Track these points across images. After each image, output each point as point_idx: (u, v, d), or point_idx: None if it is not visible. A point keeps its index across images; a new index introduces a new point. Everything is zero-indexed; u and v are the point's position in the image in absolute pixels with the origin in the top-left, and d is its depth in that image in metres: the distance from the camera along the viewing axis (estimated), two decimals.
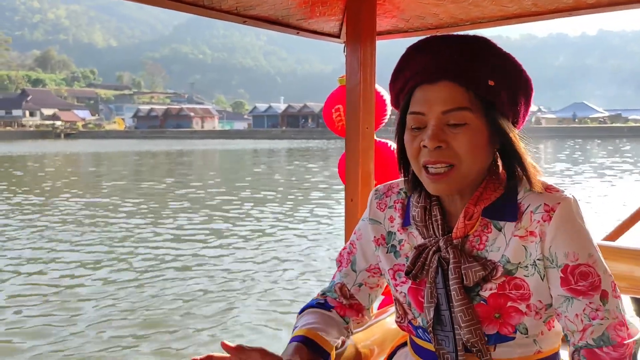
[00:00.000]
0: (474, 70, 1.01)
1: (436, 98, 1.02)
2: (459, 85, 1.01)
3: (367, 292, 1.28)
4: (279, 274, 6.96)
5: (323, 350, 1.15)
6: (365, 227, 1.26)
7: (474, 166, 1.03)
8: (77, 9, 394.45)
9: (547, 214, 1.02)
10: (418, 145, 1.04)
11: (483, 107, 1.02)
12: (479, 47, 1.04)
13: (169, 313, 5.52)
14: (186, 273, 7.01)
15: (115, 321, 5.30)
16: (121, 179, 20.27)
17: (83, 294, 6.20)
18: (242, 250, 8.30)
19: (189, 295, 6.06)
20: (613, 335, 0.99)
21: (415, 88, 1.05)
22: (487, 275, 1.04)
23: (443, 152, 1.01)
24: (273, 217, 11.24)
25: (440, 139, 1.01)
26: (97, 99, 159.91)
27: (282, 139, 69.70)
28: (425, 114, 1.03)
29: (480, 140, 1.02)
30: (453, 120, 1.01)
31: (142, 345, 4.80)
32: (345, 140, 1.84)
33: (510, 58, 1.06)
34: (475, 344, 1.05)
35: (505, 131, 1.04)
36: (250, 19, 1.74)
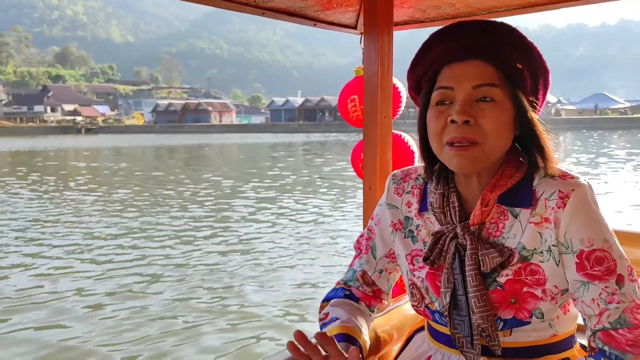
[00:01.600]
0: (503, 50, 1.04)
1: (466, 74, 1.04)
2: (488, 64, 1.03)
3: (386, 277, 1.31)
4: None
5: (362, 352, 1.16)
6: (382, 212, 1.27)
7: (498, 146, 1.04)
8: (94, 5, 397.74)
9: (561, 200, 1.03)
10: (443, 122, 1.05)
11: (510, 88, 1.04)
12: (507, 30, 1.07)
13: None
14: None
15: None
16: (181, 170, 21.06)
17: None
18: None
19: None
20: (630, 317, 1.00)
21: (442, 67, 1.07)
22: (503, 262, 1.06)
23: (470, 129, 1.02)
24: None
25: (468, 114, 1.01)
26: (116, 94, 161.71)
27: (299, 132, 69.86)
28: (454, 89, 1.04)
29: (506, 119, 1.04)
30: (482, 96, 1.02)
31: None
32: (363, 130, 1.87)
33: (533, 45, 1.09)
34: (485, 329, 1.07)
35: (528, 114, 1.06)
36: (268, 10, 1.75)
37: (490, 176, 1.09)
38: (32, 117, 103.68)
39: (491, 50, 1.04)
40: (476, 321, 1.07)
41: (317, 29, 2.00)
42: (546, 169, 1.07)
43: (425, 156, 1.15)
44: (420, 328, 1.35)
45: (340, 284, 1.33)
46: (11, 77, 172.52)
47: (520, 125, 1.07)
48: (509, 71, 1.04)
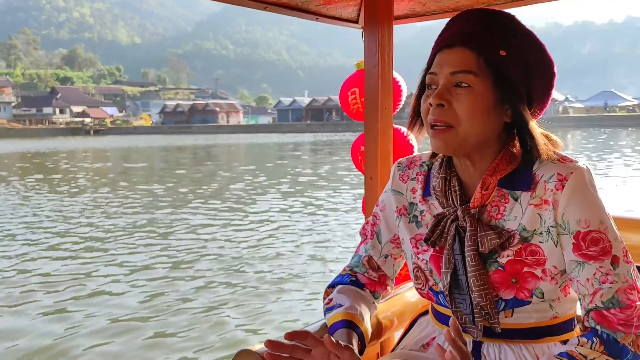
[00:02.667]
0: (486, 38, 1.07)
1: (448, 60, 1.08)
2: (470, 51, 1.07)
3: (391, 262, 1.34)
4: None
5: (364, 339, 1.19)
6: (388, 198, 1.31)
7: (473, 130, 1.07)
8: (101, 7, 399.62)
9: (560, 182, 1.06)
10: (427, 104, 1.10)
11: (492, 75, 1.07)
12: (499, 19, 1.10)
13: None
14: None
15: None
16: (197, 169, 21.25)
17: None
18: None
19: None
20: (623, 298, 1.02)
21: (437, 53, 1.13)
22: (504, 243, 1.09)
23: (444, 112, 1.07)
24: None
25: (443, 98, 1.07)
26: (123, 96, 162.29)
27: (306, 132, 70.02)
28: (437, 74, 1.10)
29: (482, 105, 1.06)
30: (458, 82, 1.06)
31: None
32: (364, 122, 1.91)
33: (530, 35, 1.11)
34: (484, 307, 1.10)
35: (513, 103, 1.08)
36: (270, 4, 1.78)
37: (487, 161, 1.13)
38: (41, 119, 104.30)
39: (473, 37, 1.07)
40: (474, 300, 1.10)
41: (321, 25, 2.06)
42: (538, 155, 1.09)
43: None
44: (424, 312, 1.40)
45: (347, 270, 1.35)
46: (20, 80, 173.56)
47: (503, 113, 1.10)
48: (491, 58, 1.06)
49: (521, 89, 1.09)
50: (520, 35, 1.10)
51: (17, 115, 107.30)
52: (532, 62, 1.10)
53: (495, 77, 1.07)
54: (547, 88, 1.14)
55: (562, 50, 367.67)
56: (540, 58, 1.11)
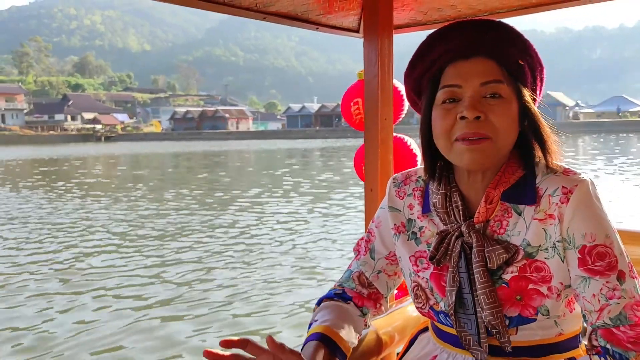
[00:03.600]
0: (506, 48, 1.06)
1: (472, 71, 1.05)
2: (492, 61, 1.05)
3: (385, 279, 1.29)
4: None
5: (341, 351, 1.14)
6: (384, 215, 1.27)
7: (508, 141, 1.06)
8: (112, 14, 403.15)
9: (564, 196, 1.04)
10: (452, 120, 1.05)
11: (514, 84, 1.07)
12: (506, 27, 1.09)
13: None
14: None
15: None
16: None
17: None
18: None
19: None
20: (630, 314, 1.00)
21: (446, 66, 1.08)
22: (509, 259, 1.06)
23: (481, 124, 1.03)
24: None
25: (478, 110, 1.03)
26: (134, 102, 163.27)
27: (316, 138, 70.14)
28: (461, 86, 1.05)
29: (513, 114, 1.06)
30: (490, 92, 1.04)
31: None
32: (364, 132, 1.89)
33: (529, 41, 1.11)
34: (496, 325, 1.07)
35: (531, 109, 1.08)
36: (270, 15, 1.78)
37: (494, 173, 1.10)
38: (53, 126, 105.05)
39: (494, 47, 1.06)
40: (486, 318, 1.07)
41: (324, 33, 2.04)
42: (548, 163, 1.08)
43: (429, 156, 1.15)
44: (424, 329, 1.36)
45: (336, 285, 1.33)
46: (32, 87, 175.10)
47: (523, 120, 1.08)
48: (512, 67, 1.06)
49: (533, 95, 1.10)
50: (527, 43, 1.10)
51: (30, 122, 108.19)
52: (536, 67, 1.10)
53: (516, 86, 1.07)
54: (541, 91, 1.14)
55: (572, 55, 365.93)
56: (538, 62, 1.11)
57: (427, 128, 1.12)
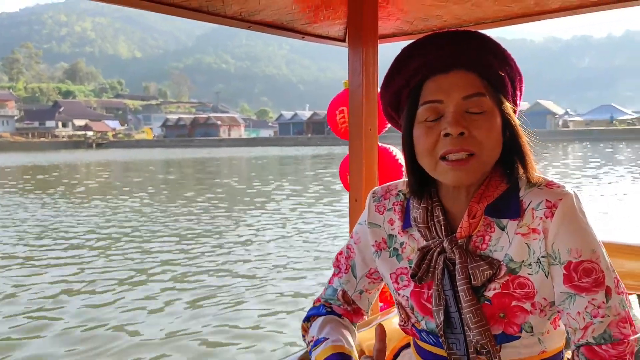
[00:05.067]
0: (486, 59, 1.03)
1: (453, 85, 1.01)
2: (472, 73, 1.02)
3: (366, 297, 1.28)
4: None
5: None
6: (363, 231, 1.23)
7: (492, 155, 1.03)
8: (102, 21, 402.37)
9: (549, 210, 1.01)
10: (435, 137, 1.02)
11: (495, 96, 1.03)
12: (485, 38, 1.06)
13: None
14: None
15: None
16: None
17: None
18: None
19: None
20: (615, 332, 0.98)
21: (424, 81, 1.04)
22: (492, 275, 1.03)
23: (465, 140, 0.99)
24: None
25: (462, 125, 0.99)
26: (125, 109, 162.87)
27: (308, 145, 70.27)
28: (443, 101, 1.01)
29: (497, 128, 1.02)
30: (473, 106, 1.01)
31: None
32: (349, 142, 1.87)
33: (508, 52, 1.07)
34: (485, 345, 1.03)
35: (512, 121, 1.05)
36: (255, 24, 1.77)
37: (477, 187, 1.07)
38: (44, 132, 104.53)
39: (474, 59, 1.02)
40: (474, 338, 1.04)
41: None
42: (527, 178, 1.06)
43: (413, 174, 1.11)
44: (406, 345, 1.32)
45: (321, 301, 1.29)
46: (22, 93, 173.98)
47: (505, 133, 1.05)
48: (493, 79, 1.03)
49: (514, 106, 1.08)
50: (506, 53, 1.07)
51: (20, 129, 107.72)
52: (515, 77, 1.08)
53: (498, 98, 1.04)
54: (520, 101, 1.12)
55: (561, 64, 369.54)
56: (517, 72, 1.08)
57: (410, 145, 1.08)
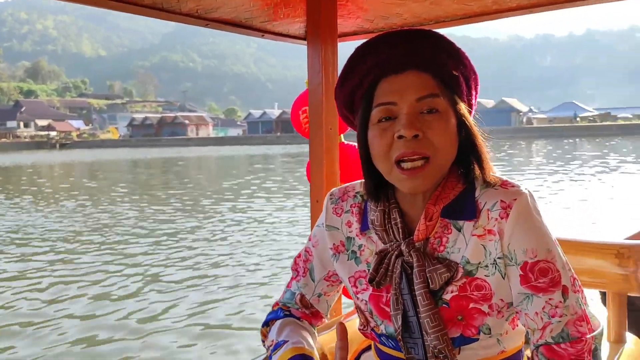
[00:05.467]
0: (439, 59, 1.01)
1: (406, 86, 0.99)
2: (427, 73, 1.00)
3: (325, 300, 1.26)
4: None
5: None
6: (321, 234, 1.21)
7: (448, 157, 1.02)
8: (65, 19, 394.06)
9: (504, 211, 1.01)
10: (389, 139, 1.00)
11: (450, 96, 1.02)
12: (438, 37, 1.04)
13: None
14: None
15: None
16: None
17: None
18: None
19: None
20: (573, 331, 0.99)
21: (378, 82, 1.02)
22: (450, 278, 1.02)
23: (420, 143, 0.97)
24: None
25: (416, 127, 0.97)
26: (89, 109, 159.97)
27: (277, 144, 70.09)
28: (396, 103, 0.99)
29: (451, 129, 1.01)
30: (427, 108, 0.99)
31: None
32: (309, 141, 1.84)
33: (463, 52, 1.06)
34: (442, 350, 1.03)
35: (467, 122, 1.04)
36: (212, 21, 1.74)
37: (434, 189, 1.05)
38: (5, 133, 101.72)
39: (428, 59, 1.00)
40: (431, 342, 1.03)
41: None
42: (484, 178, 1.05)
43: (369, 177, 1.09)
44: (367, 347, 1.31)
45: (279, 305, 1.27)
46: None
47: (461, 133, 1.04)
48: (447, 79, 1.02)
49: (469, 106, 1.06)
50: (460, 52, 1.05)
51: None
52: (469, 77, 1.06)
53: (452, 98, 1.02)
54: (476, 100, 1.10)
55: (525, 62, 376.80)
56: (471, 71, 1.06)
57: (365, 148, 1.05)
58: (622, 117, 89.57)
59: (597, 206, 10.98)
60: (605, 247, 1.62)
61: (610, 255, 1.60)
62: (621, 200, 11.54)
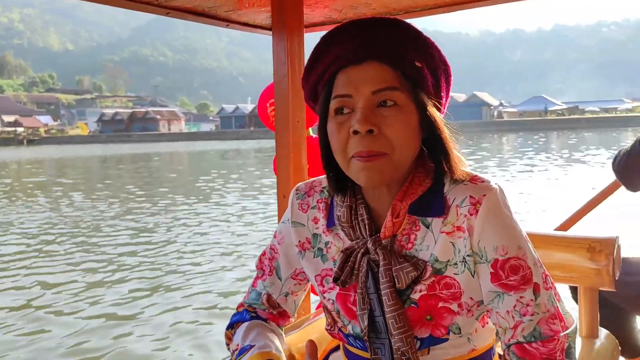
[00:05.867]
0: (400, 49, 0.96)
1: (363, 78, 0.95)
2: (386, 65, 0.95)
3: (292, 299, 1.23)
4: None
5: None
6: (287, 230, 1.17)
7: (407, 154, 0.97)
8: (31, 12, 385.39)
9: (473, 207, 0.98)
10: (346, 134, 0.96)
11: (411, 89, 0.97)
12: (403, 28, 0.99)
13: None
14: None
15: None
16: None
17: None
18: None
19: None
20: (545, 329, 0.96)
21: (338, 72, 0.98)
22: (417, 276, 0.99)
23: (375, 139, 0.93)
24: None
25: (371, 122, 0.93)
26: (57, 104, 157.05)
27: (251, 139, 69.79)
28: (352, 96, 0.95)
29: (411, 124, 0.96)
30: (384, 101, 0.95)
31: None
32: (275, 135, 1.79)
33: (432, 42, 1.01)
34: (405, 352, 1.00)
35: (433, 116, 0.98)
36: (173, 10, 1.68)
37: (398, 185, 1.02)
38: None
39: (387, 50, 0.95)
40: (395, 344, 1.00)
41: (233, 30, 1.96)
42: (452, 174, 1.01)
43: (329, 171, 1.05)
44: (336, 347, 1.28)
45: (244, 306, 1.23)
46: None
47: (425, 128, 0.99)
48: (409, 71, 0.96)
49: (435, 100, 1.01)
50: (425, 42, 1.00)
51: None
52: (438, 69, 1.00)
53: (415, 91, 0.97)
54: (448, 94, 1.05)
55: (495, 57, 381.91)
56: (442, 63, 1.01)
57: (325, 140, 1.02)
58: (589, 111, 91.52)
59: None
60: (577, 242, 1.60)
61: (581, 249, 1.58)
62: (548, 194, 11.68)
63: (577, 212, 2.51)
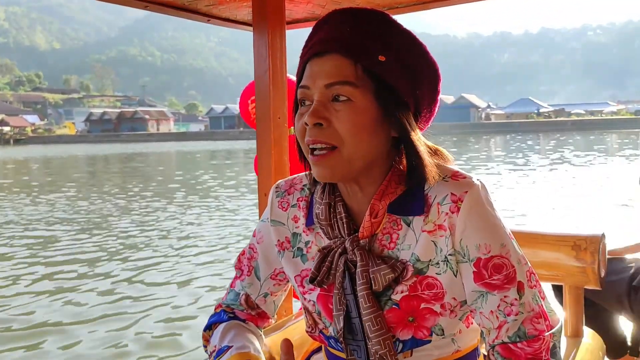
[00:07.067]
0: (362, 42, 0.92)
1: (321, 71, 0.93)
2: (345, 58, 0.92)
3: (272, 300, 1.19)
4: None
5: None
6: (266, 229, 1.14)
7: (357, 150, 0.93)
8: (17, 10, 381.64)
9: (454, 204, 0.95)
10: (302, 124, 0.95)
11: (373, 85, 0.92)
12: (375, 20, 0.95)
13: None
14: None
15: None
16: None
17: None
18: None
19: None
20: (530, 329, 0.94)
21: (307, 63, 0.97)
22: (397, 277, 0.97)
23: (323, 131, 0.92)
24: None
25: (320, 116, 0.92)
26: (44, 103, 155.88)
27: (240, 139, 69.73)
28: (310, 88, 0.94)
29: (366, 121, 0.92)
30: (336, 95, 0.92)
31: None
32: (256, 132, 1.76)
33: (410, 36, 0.97)
34: (383, 355, 0.97)
35: (397, 115, 0.94)
36: (151, 3, 1.65)
37: (376, 184, 0.99)
38: None
39: (349, 42, 0.92)
40: (372, 347, 0.98)
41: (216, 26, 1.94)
42: (425, 177, 0.95)
43: (306, 163, 1.03)
44: (317, 349, 1.26)
45: (222, 306, 1.20)
46: None
47: (393, 128, 0.96)
48: (370, 65, 0.92)
49: (406, 99, 0.95)
50: (399, 36, 0.96)
51: None
52: (415, 67, 0.96)
53: (377, 87, 0.93)
54: (434, 94, 1.00)
55: (483, 59, 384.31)
56: (423, 61, 0.97)
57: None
58: (575, 113, 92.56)
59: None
60: (562, 239, 1.58)
61: (566, 247, 1.56)
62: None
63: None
